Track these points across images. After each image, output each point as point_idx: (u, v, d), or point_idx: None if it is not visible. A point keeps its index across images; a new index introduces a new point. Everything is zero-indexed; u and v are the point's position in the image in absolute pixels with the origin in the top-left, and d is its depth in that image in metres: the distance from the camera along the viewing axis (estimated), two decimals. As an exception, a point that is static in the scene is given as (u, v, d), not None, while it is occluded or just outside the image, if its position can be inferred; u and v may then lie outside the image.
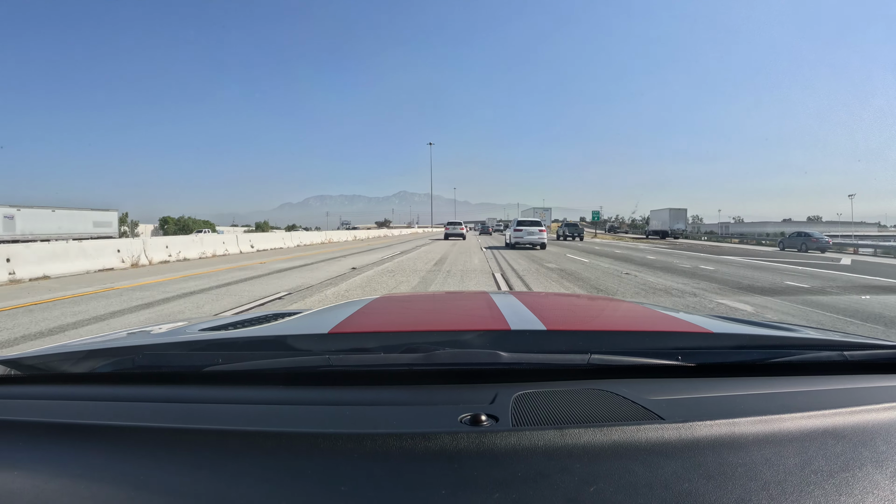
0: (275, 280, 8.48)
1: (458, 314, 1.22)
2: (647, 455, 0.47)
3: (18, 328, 4.62)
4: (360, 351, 0.79)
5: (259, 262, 12.21)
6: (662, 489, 0.42)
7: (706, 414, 0.55)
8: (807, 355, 0.77)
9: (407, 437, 0.50)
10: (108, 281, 8.32)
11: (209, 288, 7.41)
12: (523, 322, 0.92)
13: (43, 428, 0.56)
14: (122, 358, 0.76)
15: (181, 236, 11.93)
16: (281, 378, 0.71)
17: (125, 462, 0.48)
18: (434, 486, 0.43)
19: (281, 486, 0.43)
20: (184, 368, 0.75)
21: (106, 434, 0.53)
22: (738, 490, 0.42)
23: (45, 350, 0.84)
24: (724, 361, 0.75)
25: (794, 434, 0.51)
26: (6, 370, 0.74)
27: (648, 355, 0.73)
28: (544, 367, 0.70)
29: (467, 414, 0.55)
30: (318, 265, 11.48)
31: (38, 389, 0.72)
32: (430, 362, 0.69)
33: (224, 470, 0.47)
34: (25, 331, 4.51)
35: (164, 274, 9.50)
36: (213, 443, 0.51)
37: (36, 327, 4.66)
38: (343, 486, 0.43)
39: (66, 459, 0.49)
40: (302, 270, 10.20)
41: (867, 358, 0.77)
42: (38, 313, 5.38)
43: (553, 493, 0.42)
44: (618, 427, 0.51)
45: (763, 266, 12.77)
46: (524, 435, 0.50)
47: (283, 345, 0.83)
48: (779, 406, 0.58)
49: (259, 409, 0.61)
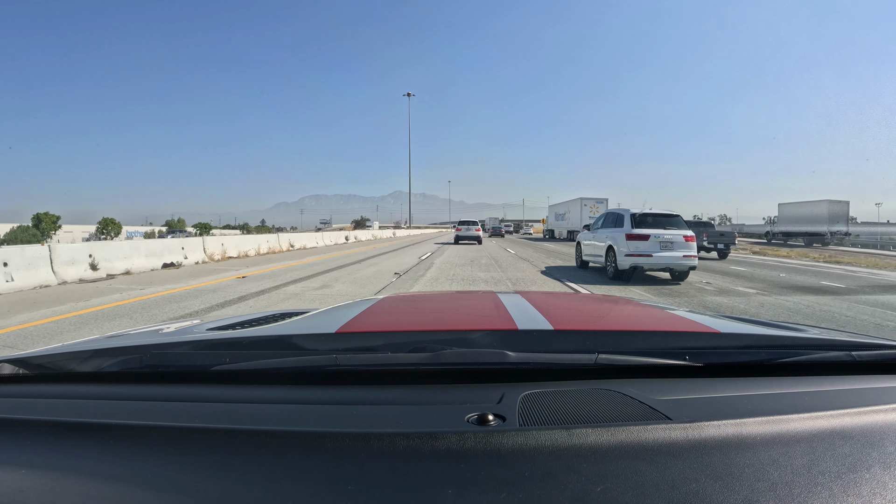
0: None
1: (466, 314, 1.22)
2: (654, 455, 0.47)
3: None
4: (367, 350, 0.79)
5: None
6: (670, 489, 0.42)
7: (714, 414, 0.55)
8: (815, 355, 0.76)
9: (414, 436, 0.50)
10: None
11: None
12: (530, 322, 0.92)
13: (51, 427, 0.56)
14: (129, 357, 0.77)
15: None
16: (288, 377, 0.71)
17: (133, 461, 0.49)
18: (441, 486, 0.43)
19: (288, 485, 0.44)
20: (191, 368, 0.75)
21: (113, 433, 0.54)
22: (745, 490, 0.42)
23: (52, 349, 0.85)
24: (732, 361, 0.75)
25: (801, 434, 0.51)
26: (14, 369, 0.75)
27: (656, 355, 0.72)
28: (551, 367, 0.70)
29: (474, 414, 0.55)
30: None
31: (45, 388, 0.72)
32: (437, 362, 0.69)
33: (231, 469, 0.47)
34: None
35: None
36: (220, 442, 0.51)
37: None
38: (350, 486, 0.43)
39: (74, 458, 0.50)
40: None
41: (875, 358, 0.76)
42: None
43: (560, 493, 0.42)
44: (625, 427, 0.51)
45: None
46: (531, 435, 0.50)
47: (291, 344, 0.83)
48: (786, 406, 0.58)
49: (266, 408, 0.62)
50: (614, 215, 9.68)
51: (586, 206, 32.33)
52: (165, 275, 9.45)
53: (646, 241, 8.42)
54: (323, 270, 10.19)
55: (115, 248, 9.81)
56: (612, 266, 8.85)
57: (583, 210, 32.00)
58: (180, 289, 7.37)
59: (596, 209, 31.40)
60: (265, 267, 11.00)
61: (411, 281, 8.63)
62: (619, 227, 8.99)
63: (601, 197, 33.29)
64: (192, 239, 12.97)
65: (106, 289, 7.41)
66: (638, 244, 8.43)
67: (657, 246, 8.42)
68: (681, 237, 8.54)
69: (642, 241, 8.44)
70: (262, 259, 13.54)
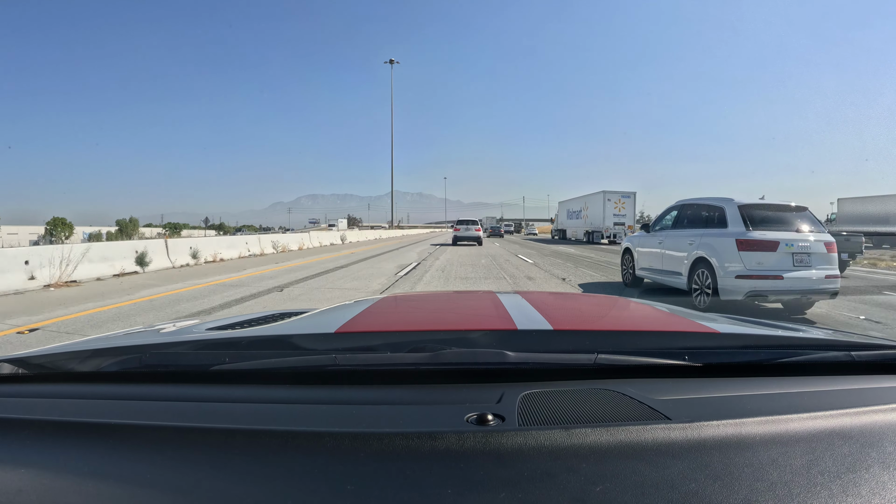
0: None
1: (465, 314, 1.22)
2: (653, 455, 0.47)
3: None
4: (367, 350, 0.79)
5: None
6: (669, 489, 0.42)
7: (713, 414, 0.55)
8: (814, 355, 0.76)
9: (413, 436, 0.50)
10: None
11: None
12: (530, 322, 0.92)
13: (50, 426, 0.56)
14: (129, 357, 0.77)
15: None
16: (287, 377, 0.71)
17: (132, 460, 0.49)
18: (440, 486, 0.43)
19: (287, 485, 0.44)
20: (190, 367, 0.75)
21: (113, 432, 0.54)
22: (744, 490, 0.42)
23: (52, 349, 0.85)
24: (731, 361, 0.75)
25: (800, 435, 0.51)
26: (13, 369, 0.75)
27: (655, 355, 0.72)
28: (551, 367, 0.70)
29: (473, 413, 0.55)
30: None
31: (45, 388, 0.72)
32: (436, 362, 0.69)
33: (230, 468, 0.47)
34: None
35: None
36: (219, 442, 0.51)
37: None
38: (349, 486, 0.43)
39: (73, 458, 0.50)
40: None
41: (874, 358, 0.76)
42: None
43: (559, 493, 0.42)
44: (624, 427, 0.51)
45: None
46: (530, 435, 0.50)
47: (290, 344, 0.83)
48: (785, 406, 0.58)
49: (266, 408, 0.62)
50: (701, 208, 6.22)
51: (610, 202, 26.21)
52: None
53: (773, 251, 5.09)
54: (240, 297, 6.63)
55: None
56: (706, 290, 5.45)
57: (606, 206, 26.14)
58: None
59: (622, 205, 26.32)
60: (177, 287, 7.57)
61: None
62: (717, 226, 5.65)
63: (628, 190, 27.21)
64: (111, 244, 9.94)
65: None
66: (760, 257, 5.09)
67: (789, 260, 5.08)
68: (820, 245, 5.19)
69: (767, 253, 5.10)
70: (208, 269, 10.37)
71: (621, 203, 26.45)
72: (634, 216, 27.28)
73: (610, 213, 26.28)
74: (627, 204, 26.64)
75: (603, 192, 26.50)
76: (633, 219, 26.91)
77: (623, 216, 26.49)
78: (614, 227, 25.90)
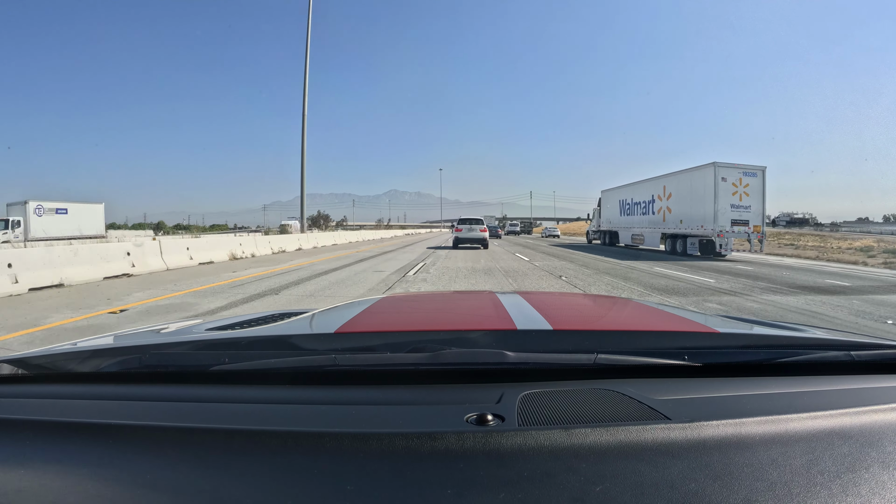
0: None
1: (465, 314, 1.22)
2: (653, 455, 0.47)
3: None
4: (366, 350, 0.79)
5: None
6: (669, 489, 0.42)
7: (712, 414, 0.55)
8: (813, 355, 0.76)
9: (413, 436, 0.50)
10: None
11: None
12: (529, 322, 0.92)
13: (49, 427, 0.56)
14: (128, 357, 0.76)
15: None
16: (287, 377, 0.71)
17: (131, 461, 0.49)
18: (440, 486, 0.43)
19: (287, 486, 0.44)
20: (190, 368, 0.75)
21: (112, 433, 0.54)
22: (744, 490, 0.42)
23: (51, 349, 0.85)
24: (731, 361, 0.75)
25: (800, 434, 0.51)
26: (13, 369, 0.75)
27: (655, 355, 0.72)
28: (550, 367, 0.70)
29: (473, 414, 0.55)
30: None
31: (44, 388, 0.72)
32: (436, 362, 0.69)
33: (230, 469, 0.47)
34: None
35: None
36: (219, 442, 0.51)
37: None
38: (349, 486, 0.43)
39: (73, 458, 0.50)
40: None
41: (874, 358, 0.76)
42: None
43: (559, 493, 0.42)
44: (624, 427, 0.51)
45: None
46: (530, 435, 0.50)
47: (290, 344, 0.83)
48: (785, 406, 0.58)
49: (265, 408, 0.61)
50: None
51: (726, 181, 14.53)
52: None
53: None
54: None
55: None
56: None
57: (719, 188, 14.44)
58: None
59: (746, 189, 14.60)
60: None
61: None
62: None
63: (754, 165, 14.92)
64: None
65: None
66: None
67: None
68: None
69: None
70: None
71: (743, 185, 14.68)
72: (763, 209, 15.02)
73: (725, 204, 14.54)
74: (753, 186, 14.76)
75: (713, 165, 14.69)
76: (762, 213, 15.00)
77: (747, 208, 14.67)
78: (732, 227, 14.46)
